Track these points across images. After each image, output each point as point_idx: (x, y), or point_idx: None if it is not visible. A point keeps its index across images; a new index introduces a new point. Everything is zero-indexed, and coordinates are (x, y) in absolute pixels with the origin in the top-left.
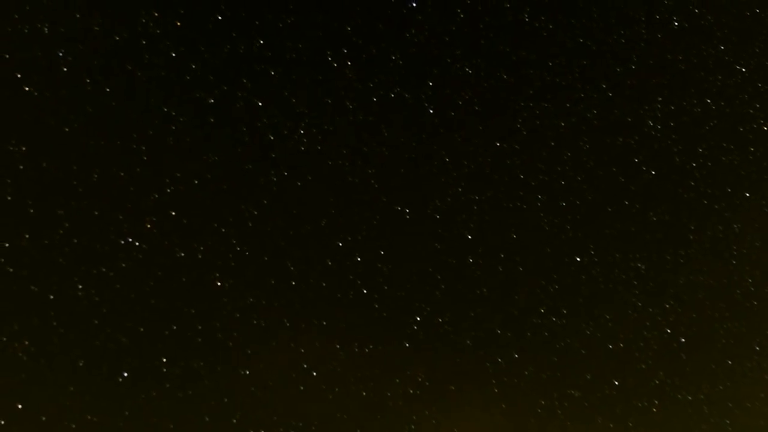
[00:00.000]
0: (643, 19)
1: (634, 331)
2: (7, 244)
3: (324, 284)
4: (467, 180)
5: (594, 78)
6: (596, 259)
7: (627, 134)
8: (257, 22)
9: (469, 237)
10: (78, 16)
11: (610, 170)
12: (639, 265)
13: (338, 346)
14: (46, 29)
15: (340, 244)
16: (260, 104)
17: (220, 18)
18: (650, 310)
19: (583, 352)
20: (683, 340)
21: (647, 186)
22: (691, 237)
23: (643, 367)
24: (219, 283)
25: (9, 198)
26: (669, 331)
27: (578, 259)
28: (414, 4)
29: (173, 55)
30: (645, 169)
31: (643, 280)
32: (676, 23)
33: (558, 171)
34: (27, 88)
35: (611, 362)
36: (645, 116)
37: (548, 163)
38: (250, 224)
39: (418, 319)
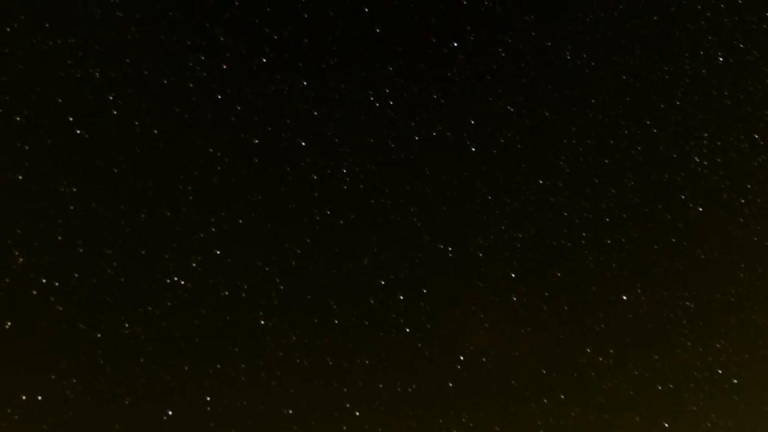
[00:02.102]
0: (687, 54)
1: (684, 371)
2: (57, 283)
3: (366, 323)
4: (510, 218)
5: (638, 114)
6: (643, 298)
7: (673, 171)
8: (300, 64)
9: (513, 275)
10: (128, 61)
11: (657, 207)
12: (688, 303)
13: (381, 386)
14: (97, 74)
15: (383, 283)
16: (303, 144)
17: (264, 60)
18: (700, 350)
19: (631, 393)
20: (735, 381)
21: (695, 223)
22: (741, 275)
23: (694, 408)
24: (262, 322)
25: (60, 238)
26: (720, 371)
27: (624, 297)
28: (455, 44)
29: (219, 97)
30: (692, 205)
31: (693, 319)
32: (720, 59)
33: (602, 208)
34: (78, 131)
35: (661, 404)
36: (691, 152)
37: (592, 200)
38: (293, 263)
39: (462, 358)
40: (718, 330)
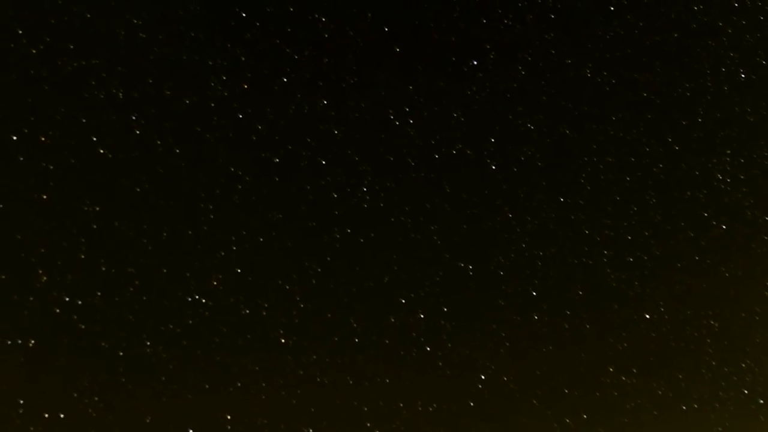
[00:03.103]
0: (708, 71)
1: (709, 391)
2: (79, 302)
3: (387, 341)
4: (531, 236)
5: (660, 132)
6: (666, 317)
7: (695, 188)
8: (321, 83)
9: (534, 294)
10: (150, 81)
11: (679, 225)
12: (712, 322)
13: (401, 405)
14: (120, 94)
15: (403, 301)
16: (324, 163)
17: (285, 80)
18: (725, 369)
19: (655, 413)
20: (761, 401)
21: (718, 241)
22: (766, 293)
23: (720, 429)
24: (283, 340)
25: (82, 256)
26: (746, 391)
27: (647, 316)
28: (475, 62)
29: (240, 116)
30: (715, 223)
31: (717, 338)
32: (743, 75)
33: (624, 226)
34: (101, 151)
35: (685, 424)
36: (713, 170)
37: (614, 218)
38: (314, 281)
39: (483, 377)
40: (743, 349)
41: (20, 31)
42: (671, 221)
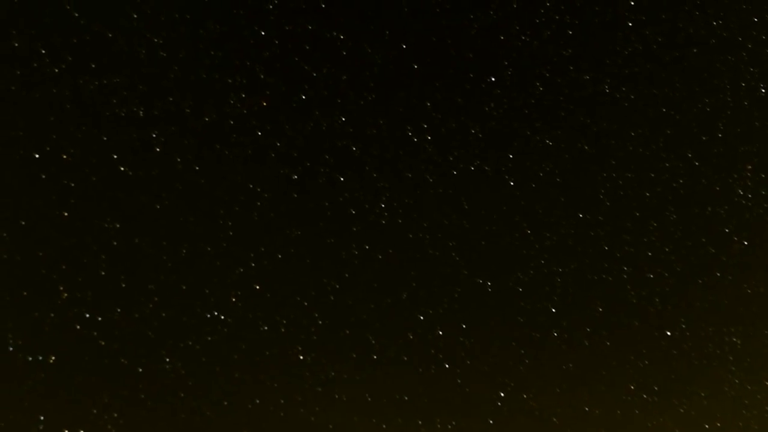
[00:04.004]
0: (729, 86)
1: (732, 409)
2: (99, 318)
3: (405, 358)
4: (550, 252)
5: (679, 147)
6: (688, 334)
7: (716, 204)
8: (339, 100)
9: (553, 310)
10: (170, 99)
11: (700, 241)
12: (734, 339)
13: (420, 422)
14: (141, 112)
15: (422, 318)
16: (342, 179)
17: (303, 97)
18: (748, 387)
19: None
20: None
21: (740, 257)
22: None
23: None
24: (301, 357)
25: (103, 273)
26: None
27: (668, 333)
28: (493, 79)
29: (259, 133)
30: (736, 239)
31: (740, 356)
32: (763, 90)
33: (644, 242)
34: (122, 168)
35: None
36: (734, 185)
37: (634, 234)
38: (332, 297)
39: (502, 395)
40: (766, 367)
41: (43, 51)
42: (692, 237)
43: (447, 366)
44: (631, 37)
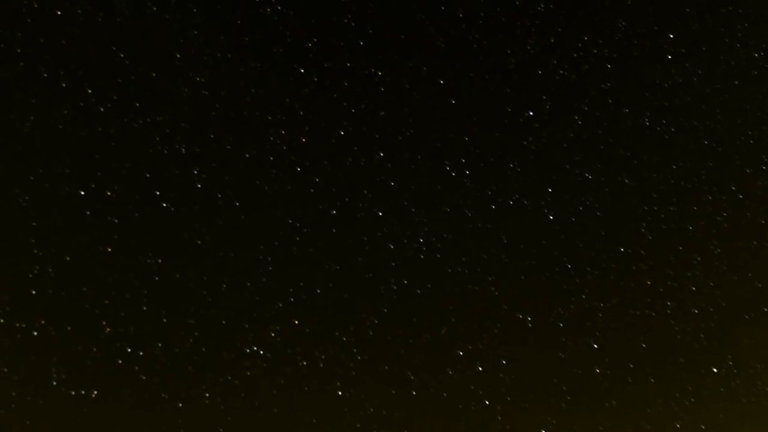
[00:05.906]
0: None
1: None
2: (141, 353)
3: (445, 394)
4: (591, 287)
5: (722, 180)
6: (735, 371)
7: (762, 238)
8: (377, 136)
9: (595, 346)
10: (212, 136)
11: (746, 275)
12: None
13: None
14: (183, 149)
15: (461, 353)
16: (380, 214)
17: (342, 133)
18: None
19: None
20: None
21: None
22: None
23: None
24: (340, 393)
25: (144, 308)
26: None
27: (715, 370)
28: (531, 113)
29: (298, 169)
30: None
31: None
32: None
33: (688, 277)
34: (164, 204)
35: None
36: None
37: (677, 269)
38: (371, 333)
39: None
40: None
41: (89, 91)
42: (737, 271)
43: (487, 402)
44: (672, 69)
